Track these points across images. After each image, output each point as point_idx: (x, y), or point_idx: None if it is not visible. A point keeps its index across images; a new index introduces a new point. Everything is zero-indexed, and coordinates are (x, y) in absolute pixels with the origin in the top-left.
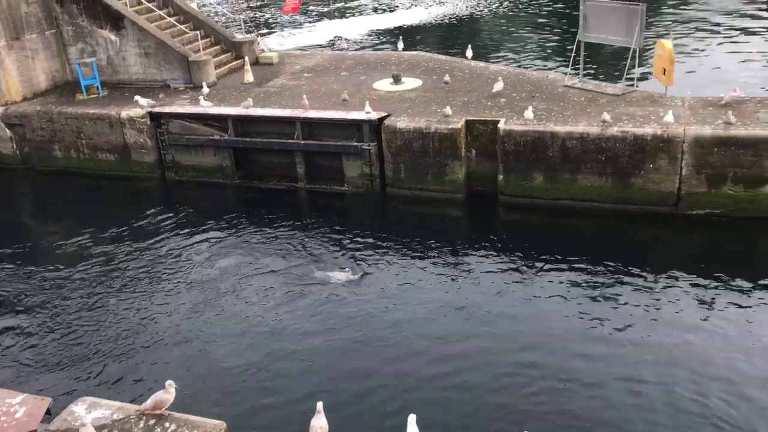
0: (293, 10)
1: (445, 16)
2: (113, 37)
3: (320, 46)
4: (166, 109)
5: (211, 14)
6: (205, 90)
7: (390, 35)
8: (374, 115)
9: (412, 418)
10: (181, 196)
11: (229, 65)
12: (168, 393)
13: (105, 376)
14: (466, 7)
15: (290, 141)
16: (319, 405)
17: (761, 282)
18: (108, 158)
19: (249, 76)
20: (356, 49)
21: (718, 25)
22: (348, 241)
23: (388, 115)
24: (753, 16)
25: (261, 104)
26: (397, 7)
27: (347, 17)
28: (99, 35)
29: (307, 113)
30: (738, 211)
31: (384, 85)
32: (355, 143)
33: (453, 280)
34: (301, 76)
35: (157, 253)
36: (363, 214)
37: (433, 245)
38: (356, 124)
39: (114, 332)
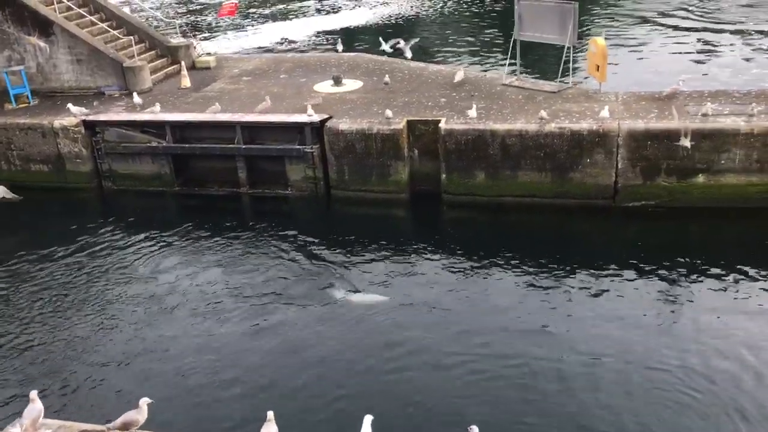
0: (230, 13)
1: (390, 16)
2: (42, 44)
3: (265, 48)
4: (101, 117)
5: (146, 19)
6: (137, 99)
7: (334, 36)
8: (316, 118)
9: (367, 420)
10: (120, 206)
11: (165, 70)
12: (140, 412)
13: (53, 396)
14: (411, 6)
15: (231, 146)
16: (270, 414)
17: (694, 269)
18: (41, 169)
19: (186, 81)
20: (299, 51)
21: (649, 21)
22: (293, 245)
23: (330, 117)
24: (684, 11)
25: (199, 109)
26: (341, 8)
27: (290, 19)
28: (27, 42)
29: (247, 117)
30: (672, 201)
31: (325, 87)
32: (298, 146)
33: (399, 279)
34: (240, 79)
35: (97, 266)
36: (308, 218)
37: (379, 246)
38: (298, 127)
39: (58, 352)
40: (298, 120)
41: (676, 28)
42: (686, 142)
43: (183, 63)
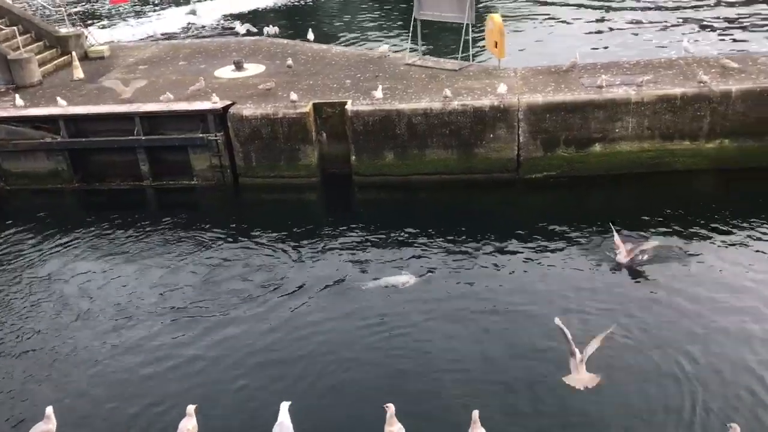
0: (123, 0)
1: None
2: None
3: (170, 35)
4: None
5: (30, 8)
6: (19, 102)
7: (242, 19)
8: (218, 104)
9: (284, 406)
10: (15, 207)
11: (54, 62)
12: (48, 422)
13: None
14: None
15: (130, 138)
16: (190, 408)
17: (594, 232)
18: None
19: (79, 72)
20: (199, 37)
21: None
22: (202, 236)
23: (233, 103)
24: None
25: (95, 101)
26: None
27: (194, 2)
28: None
29: (146, 107)
30: (572, 171)
31: (226, 72)
32: (201, 134)
33: (314, 262)
34: (137, 68)
35: None
36: (216, 208)
37: (291, 231)
38: (200, 115)
39: None
40: (200, 108)
41: (568, 4)
42: None
43: (74, 53)
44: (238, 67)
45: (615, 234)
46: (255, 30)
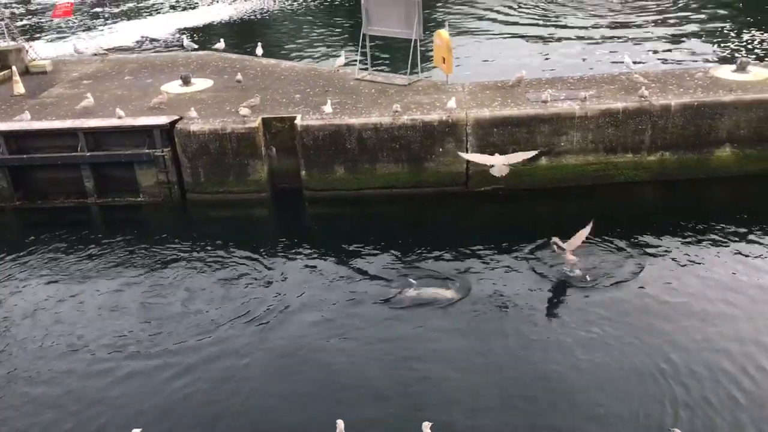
0: (65, 14)
1: (254, 12)
2: None
3: (121, 48)
4: None
5: None
6: None
7: (192, 34)
8: (165, 119)
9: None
10: None
11: None
12: None
13: None
14: (275, 1)
15: (74, 154)
16: None
17: (538, 245)
18: None
19: (19, 87)
20: (145, 51)
21: (492, 13)
22: (149, 254)
23: (181, 118)
24: (522, 5)
25: (37, 117)
26: (197, 3)
27: (145, 17)
28: None
29: (90, 122)
30: (519, 184)
31: (173, 87)
32: (147, 150)
33: (263, 278)
34: (80, 83)
35: None
36: (163, 225)
37: (241, 247)
38: (146, 131)
39: None
40: (146, 123)
41: (515, 23)
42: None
43: (14, 68)
44: (186, 82)
45: (555, 245)
46: (196, 47)
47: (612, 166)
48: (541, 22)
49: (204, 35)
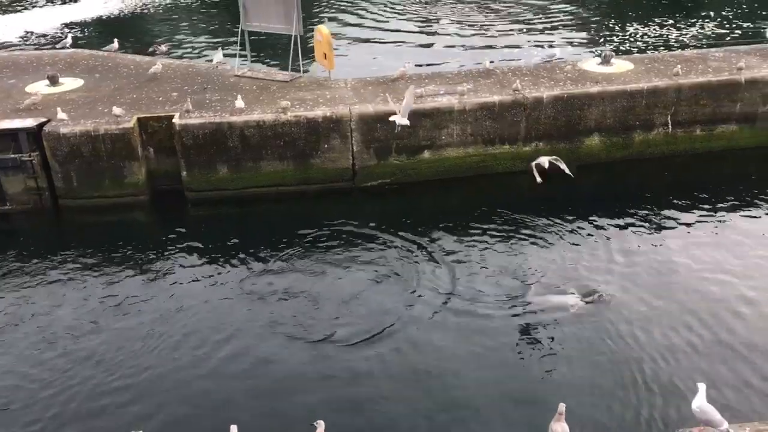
0: None
1: (145, 6)
2: None
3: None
4: None
5: None
6: None
7: (73, 29)
8: (31, 122)
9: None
10: None
11: None
12: None
13: None
14: None
15: None
16: None
17: (425, 235)
18: None
19: None
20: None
21: (373, 8)
22: (19, 265)
23: (49, 121)
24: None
25: None
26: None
27: (20, 11)
28: None
29: None
30: (405, 177)
31: (40, 87)
32: (13, 155)
33: (144, 285)
34: None
35: None
36: (34, 234)
37: (119, 253)
38: (10, 134)
39: None
40: (9, 126)
41: (397, 17)
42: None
43: None
44: (53, 81)
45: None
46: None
47: (491, 157)
48: (422, 18)
49: (74, 32)
